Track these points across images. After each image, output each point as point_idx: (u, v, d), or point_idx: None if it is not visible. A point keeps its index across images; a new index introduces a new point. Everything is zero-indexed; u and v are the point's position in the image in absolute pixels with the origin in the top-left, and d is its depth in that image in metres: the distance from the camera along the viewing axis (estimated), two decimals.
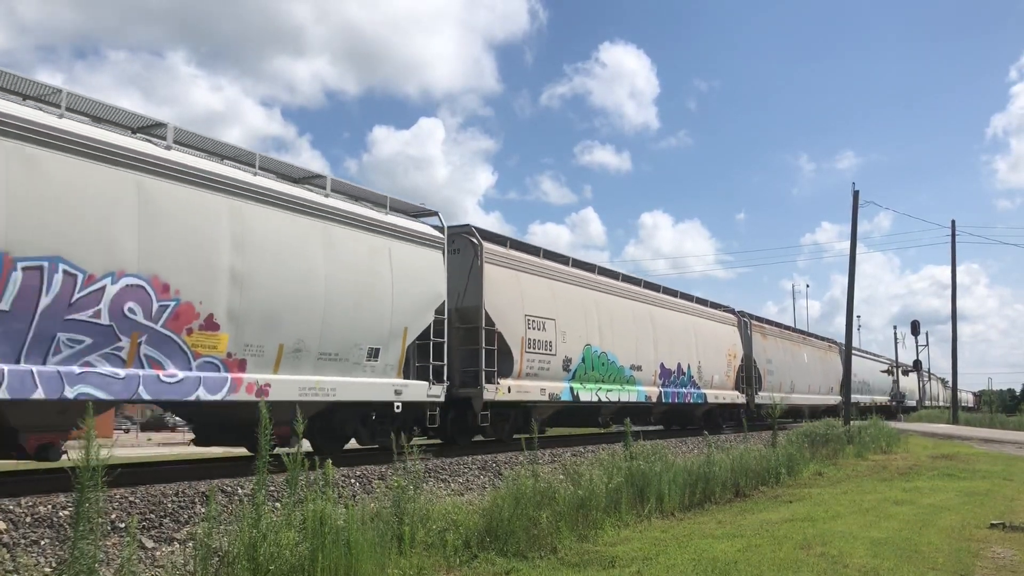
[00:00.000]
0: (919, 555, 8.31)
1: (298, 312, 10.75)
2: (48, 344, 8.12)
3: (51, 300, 8.08)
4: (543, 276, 16.92)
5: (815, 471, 17.26)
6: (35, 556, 6.34)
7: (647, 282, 22.19)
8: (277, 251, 10.56)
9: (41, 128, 8.18)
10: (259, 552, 6.11)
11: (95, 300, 8.47)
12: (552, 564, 7.88)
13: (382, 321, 12.18)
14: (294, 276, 10.72)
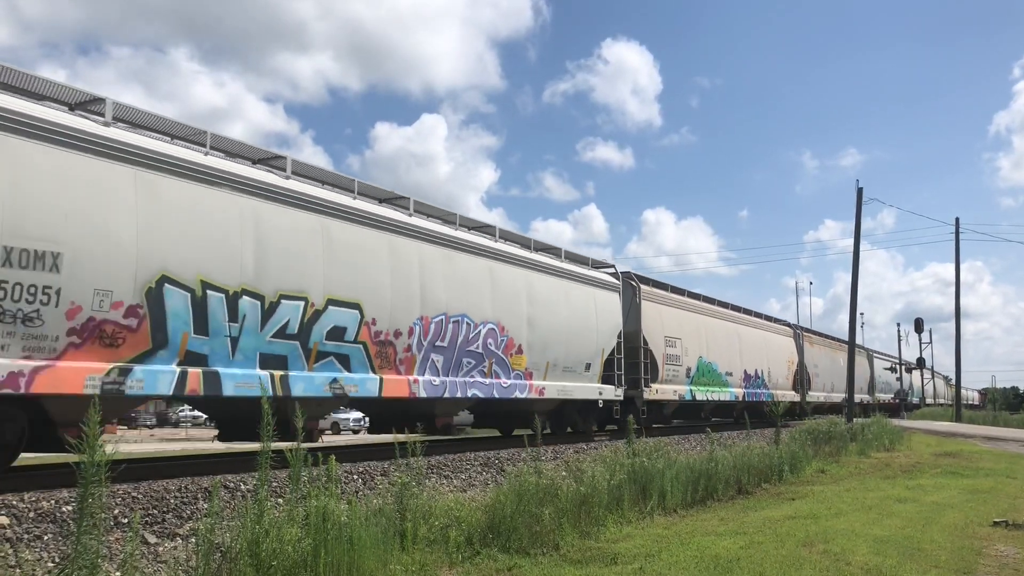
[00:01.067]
0: (922, 553, 8.30)
1: (556, 341, 16.56)
2: (459, 365, 13.78)
3: (462, 339, 13.76)
4: (673, 306, 23.21)
5: (818, 469, 17.24)
6: (38, 551, 6.35)
7: (733, 305, 28.30)
8: (547, 303, 16.41)
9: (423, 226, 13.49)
10: (262, 548, 6.12)
11: (476, 338, 14.14)
12: (554, 561, 7.88)
13: (591, 345, 17.96)
14: (554, 319, 16.57)
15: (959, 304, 43.23)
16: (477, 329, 14.15)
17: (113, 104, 9.00)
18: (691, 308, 24.34)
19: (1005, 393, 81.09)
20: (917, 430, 32.32)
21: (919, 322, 55.28)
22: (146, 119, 9.62)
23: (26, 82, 8.67)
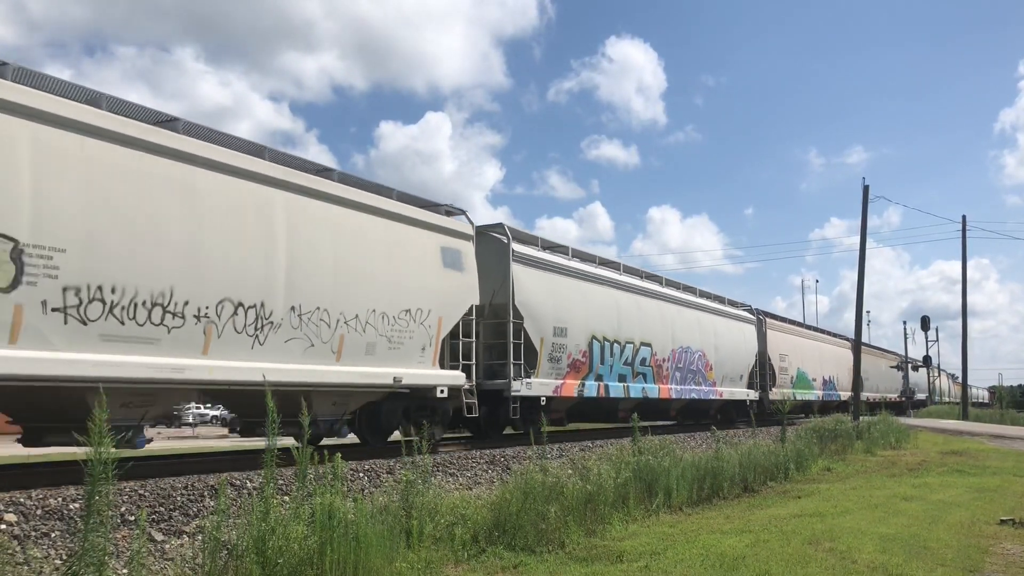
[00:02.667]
0: (928, 551, 8.28)
1: (726, 360, 25.04)
2: (686, 378, 22.16)
3: (687, 361, 22.19)
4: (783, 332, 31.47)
5: (824, 467, 17.22)
6: (45, 548, 6.38)
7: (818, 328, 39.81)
8: (721, 335, 24.90)
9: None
10: (268, 545, 6.13)
11: (693, 361, 22.68)
12: (560, 559, 7.89)
13: (743, 362, 26.79)
14: (725, 345, 25.05)
15: (966, 302, 43.14)
16: (694, 355, 22.98)
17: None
18: (794, 332, 33.30)
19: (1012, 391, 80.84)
20: (923, 428, 32.22)
21: (926, 320, 55.16)
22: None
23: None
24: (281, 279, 10.34)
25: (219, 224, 9.63)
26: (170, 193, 9.11)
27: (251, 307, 9.97)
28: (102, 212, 8.39)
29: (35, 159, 7.91)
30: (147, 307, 8.78)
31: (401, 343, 12.35)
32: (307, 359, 10.68)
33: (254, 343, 10.01)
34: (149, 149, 8.96)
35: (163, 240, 8.95)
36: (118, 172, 8.62)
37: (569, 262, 17.59)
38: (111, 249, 8.44)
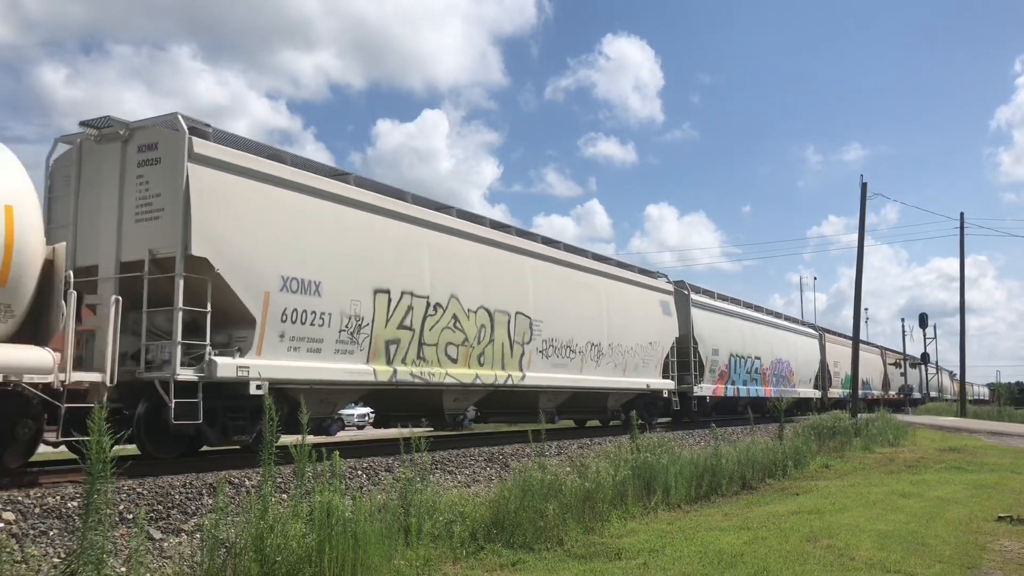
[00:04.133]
0: (926, 548, 8.29)
1: (803, 367, 34.73)
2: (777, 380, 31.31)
3: (780, 368, 31.69)
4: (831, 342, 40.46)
5: (822, 464, 17.23)
6: (44, 547, 6.38)
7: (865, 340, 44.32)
8: (797, 348, 34.34)
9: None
10: (266, 543, 6.13)
11: (784, 368, 32.15)
12: (558, 556, 7.89)
13: (812, 368, 36.27)
14: (802, 355, 34.98)
15: (963, 299, 43.17)
16: (784, 364, 32.09)
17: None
18: (843, 344, 40.13)
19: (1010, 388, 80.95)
20: (922, 425, 32.28)
21: (923, 317, 55.24)
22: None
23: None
24: (605, 328, 18.90)
25: (586, 300, 18.39)
26: (572, 287, 18.02)
27: (595, 345, 18.43)
28: (549, 300, 16.75)
29: (534, 271, 16.74)
30: (564, 347, 17.26)
31: (647, 363, 20.77)
32: (613, 374, 19.27)
33: (596, 365, 18.55)
34: (537, 256, 16.96)
35: (570, 313, 17.55)
36: (554, 275, 17.26)
37: (719, 303, 26.75)
38: (554, 319, 16.80)
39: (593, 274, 18.81)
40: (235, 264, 10.05)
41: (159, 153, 9.85)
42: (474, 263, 14.58)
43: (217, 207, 9.90)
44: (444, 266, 13.66)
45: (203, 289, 9.70)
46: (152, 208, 9.82)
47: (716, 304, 26.15)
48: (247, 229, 10.25)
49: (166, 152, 9.79)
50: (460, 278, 14.06)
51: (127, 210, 9.92)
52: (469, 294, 14.22)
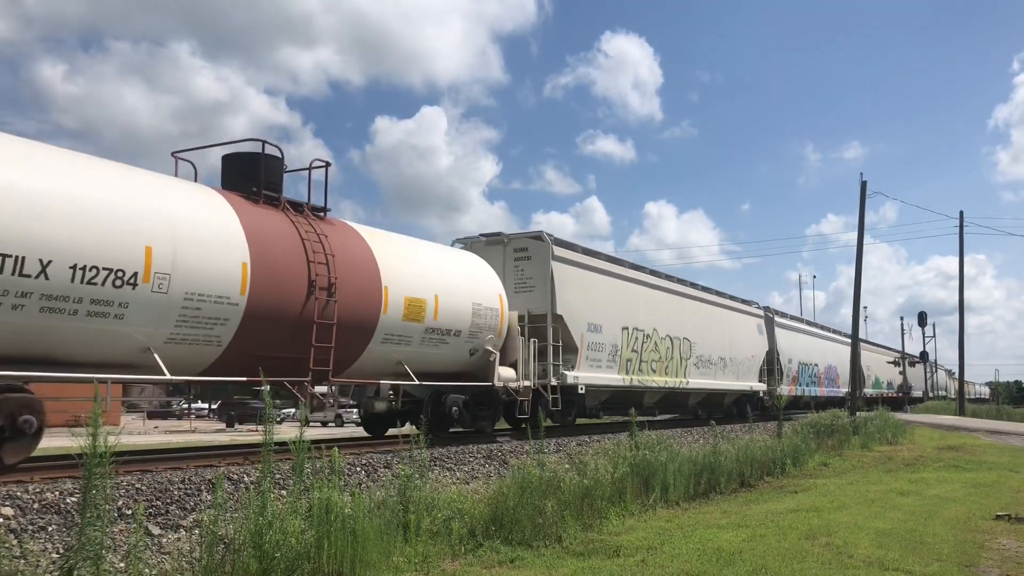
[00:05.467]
0: (924, 546, 8.30)
1: (845, 371, 37.63)
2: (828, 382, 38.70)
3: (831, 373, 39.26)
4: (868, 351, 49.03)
5: (821, 462, 17.25)
6: (42, 542, 6.38)
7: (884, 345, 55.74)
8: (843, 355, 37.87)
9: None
10: (265, 539, 6.13)
11: (833, 373, 39.62)
12: (557, 553, 7.90)
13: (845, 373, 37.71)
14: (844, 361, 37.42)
15: (963, 298, 43.21)
16: (833, 367, 39.16)
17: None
18: (870, 350, 48.37)
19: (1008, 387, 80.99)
20: (920, 424, 32.31)
21: (923, 316, 55.31)
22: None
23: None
24: (727, 346, 25.65)
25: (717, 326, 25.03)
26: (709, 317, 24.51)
27: (723, 358, 24.99)
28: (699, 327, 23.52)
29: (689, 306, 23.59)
30: (706, 361, 23.71)
31: (750, 370, 27.71)
32: (732, 379, 25.92)
33: (723, 372, 25.10)
34: (688, 297, 23.63)
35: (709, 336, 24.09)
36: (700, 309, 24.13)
37: (793, 323, 34.90)
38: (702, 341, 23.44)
39: (719, 307, 26.07)
40: (571, 316, 16.65)
41: (530, 254, 16.66)
42: (662, 305, 21.67)
43: (563, 285, 16.62)
44: (649, 308, 20.69)
45: (556, 330, 16.16)
46: (527, 285, 16.49)
47: (791, 324, 34.73)
48: (575, 295, 17.04)
49: (535, 254, 16.61)
50: (656, 316, 21.00)
51: (508, 285, 15.92)
52: (661, 326, 21.19)
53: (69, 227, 8.02)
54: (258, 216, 10.44)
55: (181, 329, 9.19)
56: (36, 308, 7.82)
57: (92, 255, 8.18)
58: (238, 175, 10.93)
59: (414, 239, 14.16)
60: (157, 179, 9.65)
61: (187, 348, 9.42)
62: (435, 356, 13.27)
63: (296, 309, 10.46)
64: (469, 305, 13.78)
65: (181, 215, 9.27)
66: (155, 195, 9.18)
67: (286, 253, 10.49)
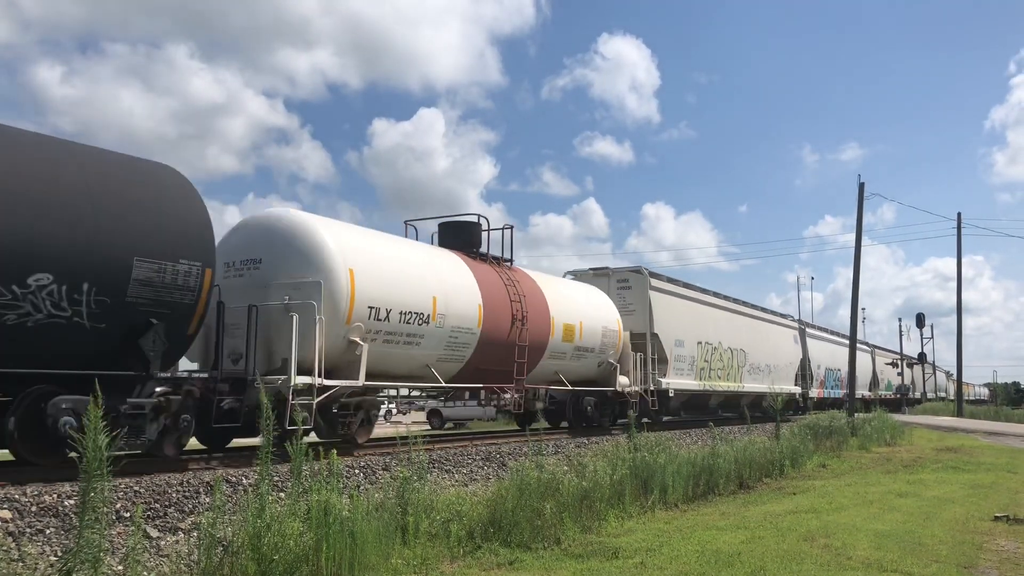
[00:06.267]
0: (923, 548, 8.31)
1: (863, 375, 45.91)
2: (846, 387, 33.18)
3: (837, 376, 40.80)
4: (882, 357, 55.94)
5: (819, 463, 17.25)
6: (40, 545, 6.37)
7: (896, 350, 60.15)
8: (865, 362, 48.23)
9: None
10: (263, 542, 6.13)
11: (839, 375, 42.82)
12: (556, 555, 7.89)
13: (867, 375, 49.19)
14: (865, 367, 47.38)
15: (961, 299, 43.23)
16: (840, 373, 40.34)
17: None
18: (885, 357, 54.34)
19: (1007, 388, 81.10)
20: (918, 425, 32.33)
21: (921, 317, 55.35)
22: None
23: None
24: (771, 355, 30.50)
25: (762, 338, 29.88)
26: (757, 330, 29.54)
27: (768, 365, 29.76)
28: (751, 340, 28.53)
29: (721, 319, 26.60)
30: (756, 368, 28.76)
31: (788, 376, 32.23)
32: (775, 384, 29.63)
33: (768, 378, 29.63)
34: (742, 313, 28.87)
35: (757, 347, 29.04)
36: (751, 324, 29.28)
37: (820, 332, 40.03)
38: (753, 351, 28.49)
39: (764, 321, 31.15)
40: (663, 334, 21.38)
41: (630, 284, 21.31)
42: (724, 321, 26.54)
43: (658, 309, 21.38)
44: (715, 324, 25.57)
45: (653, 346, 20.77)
46: (628, 309, 20.55)
47: (819, 334, 39.63)
48: (665, 317, 21.79)
49: (635, 284, 21.30)
50: (720, 331, 25.85)
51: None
52: (724, 339, 25.99)
53: (400, 288, 12.30)
54: (480, 269, 14.85)
55: (447, 351, 13.44)
56: (382, 340, 11.94)
57: (408, 304, 12.37)
58: (451, 237, 15.61)
59: (559, 277, 19.59)
60: (428, 248, 14.64)
61: (448, 364, 13.63)
62: (577, 368, 17.60)
63: (505, 335, 14.74)
64: (600, 328, 18.15)
65: (445, 273, 13.63)
66: (431, 261, 13.66)
67: (499, 295, 14.81)
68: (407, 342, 12.42)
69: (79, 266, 8.20)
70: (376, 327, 11.75)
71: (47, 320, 8.00)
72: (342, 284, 11.17)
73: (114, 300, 8.50)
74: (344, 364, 11.50)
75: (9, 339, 7.77)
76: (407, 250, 13.46)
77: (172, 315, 9.04)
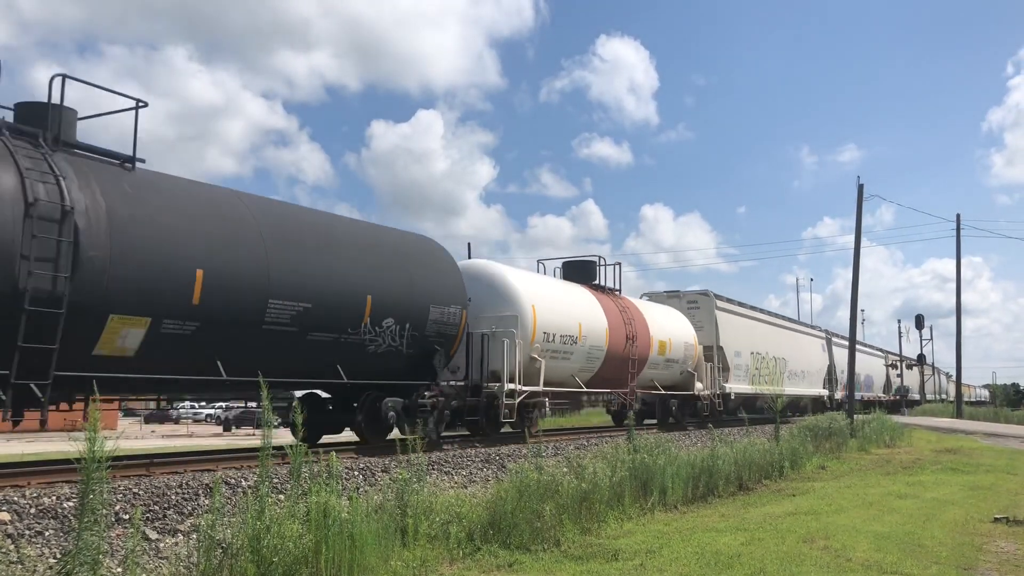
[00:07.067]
0: (922, 549, 8.30)
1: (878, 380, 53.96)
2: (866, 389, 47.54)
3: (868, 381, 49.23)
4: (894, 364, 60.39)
5: (818, 465, 17.25)
6: (39, 547, 6.36)
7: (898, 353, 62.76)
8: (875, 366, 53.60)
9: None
10: (263, 544, 6.12)
11: (870, 381, 49.54)
12: (555, 557, 7.88)
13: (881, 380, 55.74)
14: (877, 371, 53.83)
15: (960, 300, 43.25)
16: (871, 376, 49.80)
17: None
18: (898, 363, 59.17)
19: (1006, 389, 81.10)
20: (918, 426, 32.34)
21: (920, 319, 55.34)
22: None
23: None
24: (805, 362, 35.40)
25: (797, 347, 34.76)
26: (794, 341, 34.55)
27: (803, 371, 34.81)
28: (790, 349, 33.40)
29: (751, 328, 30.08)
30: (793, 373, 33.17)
31: (818, 380, 37.38)
32: (807, 387, 35.67)
33: (802, 382, 34.87)
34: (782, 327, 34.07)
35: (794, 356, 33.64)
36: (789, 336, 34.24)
37: (842, 341, 38.67)
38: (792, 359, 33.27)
39: (799, 332, 36.27)
40: (727, 346, 25.81)
41: (699, 305, 25.69)
42: (770, 334, 31.36)
43: (722, 325, 25.76)
44: (763, 337, 30.24)
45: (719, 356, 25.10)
46: (698, 326, 24.39)
47: (842, 342, 40.73)
48: (727, 332, 26.11)
49: (703, 305, 25.75)
50: (767, 342, 30.38)
51: None
52: (770, 350, 30.47)
53: (561, 317, 16.88)
54: (602, 299, 19.43)
55: (586, 364, 17.96)
56: (549, 356, 16.29)
57: (565, 329, 16.93)
58: (575, 273, 20.29)
59: (650, 302, 23.77)
60: (569, 284, 19.18)
61: (585, 374, 18.11)
62: (666, 375, 22.15)
63: (621, 351, 19.18)
64: (683, 343, 22.74)
65: (583, 304, 18.35)
66: (574, 294, 18.39)
67: (616, 320, 19.19)
68: (563, 357, 16.94)
69: (406, 312, 12.50)
70: (547, 347, 16.24)
71: (387, 349, 12.27)
72: (529, 316, 15.60)
73: (419, 334, 12.80)
74: (529, 374, 15.65)
75: (370, 362, 12.10)
76: (560, 287, 18.47)
77: (446, 342, 13.49)
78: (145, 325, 8.90)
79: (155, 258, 8.95)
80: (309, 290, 10.72)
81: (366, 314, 11.68)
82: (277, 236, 10.58)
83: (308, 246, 11.03)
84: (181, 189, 10.02)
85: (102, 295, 8.44)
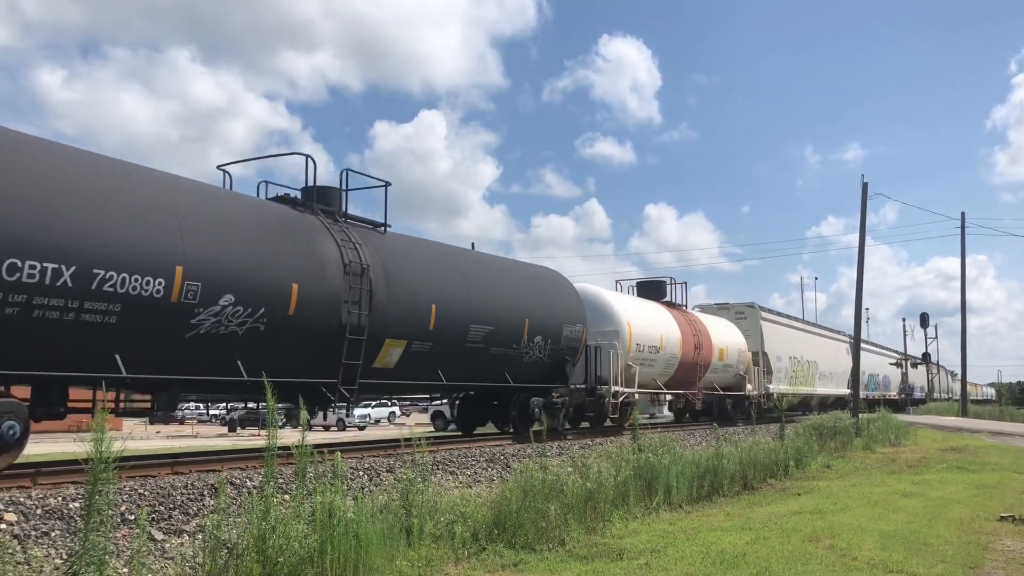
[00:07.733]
0: (928, 548, 8.29)
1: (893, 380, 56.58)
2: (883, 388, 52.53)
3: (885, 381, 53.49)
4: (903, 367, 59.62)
5: (823, 464, 17.22)
6: (46, 548, 6.38)
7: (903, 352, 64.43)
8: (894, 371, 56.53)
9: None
10: (268, 544, 6.13)
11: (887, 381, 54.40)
12: (560, 556, 7.89)
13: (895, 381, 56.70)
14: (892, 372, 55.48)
15: (964, 299, 43.19)
16: (888, 376, 54.14)
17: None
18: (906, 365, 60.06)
19: (1012, 388, 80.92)
20: (923, 425, 32.29)
21: (925, 317, 55.36)
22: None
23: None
24: (832, 364, 39.97)
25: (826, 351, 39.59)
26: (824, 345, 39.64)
27: (831, 372, 39.76)
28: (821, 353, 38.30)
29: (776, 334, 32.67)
30: (823, 375, 37.93)
31: (843, 381, 40.10)
32: (835, 387, 39.76)
33: (830, 382, 39.44)
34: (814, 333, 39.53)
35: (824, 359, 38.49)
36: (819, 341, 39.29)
37: (866, 346, 42.47)
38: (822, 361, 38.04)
39: (827, 338, 40.60)
40: (771, 351, 30.27)
41: (745, 315, 30.14)
42: (804, 339, 35.53)
43: (767, 333, 30.38)
44: (799, 342, 34.43)
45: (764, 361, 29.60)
46: (745, 334, 28.39)
47: (864, 346, 42.45)
48: (771, 339, 30.67)
49: (749, 316, 30.27)
50: (802, 347, 34.33)
51: None
52: (805, 354, 34.59)
53: (649, 331, 20.89)
54: (674, 313, 23.37)
55: (664, 369, 21.73)
56: (639, 363, 20.02)
57: (651, 341, 20.80)
58: (648, 291, 24.66)
59: (708, 315, 27.81)
60: (649, 302, 23.04)
61: (664, 378, 21.79)
62: (723, 378, 25.86)
63: (691, 358, 22.86)
64: (736, 350, 26.69)
65: (661, 318, 22.16)
66: (652, 310, 22.38)
67: (686, 331, 22.94)
68: (649, 364, 20.67)
69: (549, 330, 15.86)
70: (639, 356, 20.03)
71: (535, 359, 15.65)
72: (626, 331, 19.50)
73: (555, 347, 16.14)
74: (626, 379, 19.28)
75: (525, 369, 15.44)
76: (645, 306, 22.19)
77: (572, 354, 16.93)
78: (403, 345, 12.36)
79: (409, 298, 12.45)
80: (492, 316, 14.15)
81: (524, 332, 15.10)
82: (472, 276, 14.19)
83: (491, 282, 14.71)
84: (414, 245, 13.87)
85: (382, 325, 11.84)
